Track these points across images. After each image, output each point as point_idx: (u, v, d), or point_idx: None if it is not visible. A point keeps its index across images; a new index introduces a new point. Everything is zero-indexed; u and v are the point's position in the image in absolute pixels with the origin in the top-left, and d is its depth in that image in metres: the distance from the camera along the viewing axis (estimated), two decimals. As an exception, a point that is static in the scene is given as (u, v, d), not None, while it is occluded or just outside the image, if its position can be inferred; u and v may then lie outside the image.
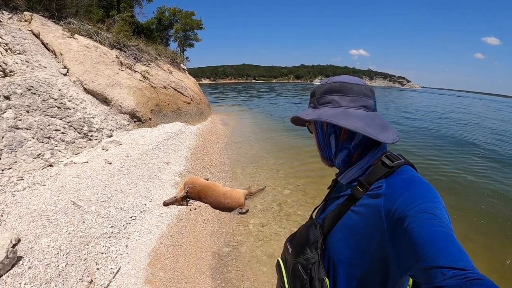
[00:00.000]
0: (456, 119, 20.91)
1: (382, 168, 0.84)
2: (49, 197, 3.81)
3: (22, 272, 2.56)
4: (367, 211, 0.80)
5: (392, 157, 0.86)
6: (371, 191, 0.82)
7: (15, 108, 5.26)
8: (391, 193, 0.76)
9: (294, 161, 7.86)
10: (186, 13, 27.42)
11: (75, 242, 3.09)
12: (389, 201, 0.74)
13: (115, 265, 3.09)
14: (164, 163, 6.21)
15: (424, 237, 0.59)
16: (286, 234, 4.20)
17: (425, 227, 0.61)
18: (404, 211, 0.67)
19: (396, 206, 0.71)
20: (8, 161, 4.45)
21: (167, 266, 3.24)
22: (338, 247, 0.87)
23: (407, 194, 0.71)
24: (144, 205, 4.39)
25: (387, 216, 0.72)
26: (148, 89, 9.60)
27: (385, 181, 0.81)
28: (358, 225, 0.81)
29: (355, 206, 0.85)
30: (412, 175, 0.79)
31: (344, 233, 0.86)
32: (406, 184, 0.76)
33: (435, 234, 0.59)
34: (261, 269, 3.46)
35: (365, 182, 0.85)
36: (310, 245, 0.92)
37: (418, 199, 0.68)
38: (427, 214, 0.63)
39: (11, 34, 7.19)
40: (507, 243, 4.52)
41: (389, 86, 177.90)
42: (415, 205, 0.67)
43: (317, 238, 0.91)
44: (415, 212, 0.65)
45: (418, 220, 0.63)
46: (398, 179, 0.80)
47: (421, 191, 0.72)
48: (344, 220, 0.87)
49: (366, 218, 0.79)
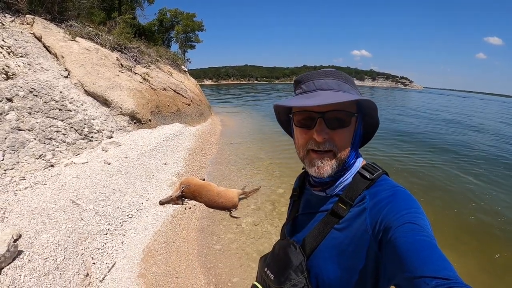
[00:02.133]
0: (449, 119, 20.97)
1: (362, 181, 0.84)
2: (49, 196, 3.99)
3: (22, 265, 2.73)
4: (352, 227, 0.79)
5: (370, 168, 0.86)
6: (355, 207, 0.81)
7: (18, 110, 5.44)
8: (374, 205, 0.76)
9: (290, 161, 7.97)
10: (187, 14, 27.72)
11: (73, 238, 3.27)
12: (373, 213, 0.75)
13: (111, 260, 3.27)
14: (162, 164, 6.39)
15: (407, 247, 0.60)
16: (278, 232, 4.32)
17: (409, 236, 0.62)
18: (389, 222, 0.69)
19: (381, 218, 0.72)
20: (11, 162, 4.62)
21: (159, 262, 3.42)
22: (326, 267, 0.82)
23: (391, 205, 0.72)
24: (140, 204, 4.57)
25: (373, 229, 0.73)
26: (148, 91, 9.78)
27: (367, 193, 0.81)
28: (345, 243, 0.79)
29: (339, 223, 0.82)
30: (393, 186, 0.80)
31: (330, 252, 0.82)
32: (389, 195, 0.76)
33: (418, 244, 0.60)
34: (250, 265, 3.62)
35: (347, 198, 0.83)
36: (295, 269, 0.85)
37: (401, 209, 0.70)
38: (411, 224, 0.65)
39: (14, 37, 7.37)
40: (495, 239, 4.68)
41: (392, 87, 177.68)
42: (400, 215, 0.68)
43: (301, 260, 0.85)
44: (400, 222, 0.66)
45: (402, 230, 0.64)
46: (381, 190, 0.80)
47: (404, 202, 0.73)
48: (328, 239, 0.83)
49: (352, 235, 0.78)
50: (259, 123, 14.88)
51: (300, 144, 0.88)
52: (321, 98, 0.79)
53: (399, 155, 9.44)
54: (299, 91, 0.88)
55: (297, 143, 0.90)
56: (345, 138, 0.84)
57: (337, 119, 0.81)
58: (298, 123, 0.87)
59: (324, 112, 0.80)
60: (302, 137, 0.86)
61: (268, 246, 4.03)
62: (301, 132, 0.86)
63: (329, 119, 0.81)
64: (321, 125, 0.81)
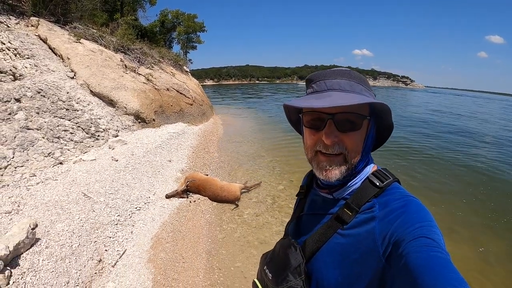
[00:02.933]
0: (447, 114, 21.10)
1: (371, 188, 0.79)
2: (61, 190, 4.20)
3: (40, 251, 2.94)
4: (358, 234, 0.75)
5: (380, 175, 0.82)
6: (362, 213, 0.77)
7: (26, 110, 5.66)
8: (385, 215, 0.72)
9: (290, 158, 8.21)
10: (189, 15, 27.93)
11: (86, 227, 3.48)
12: (383, 224, 0.71)
13: (121, 248, 3.49)
14: (167, 161, 6.60)
15: (421, 263, 0.57)
16: (278, 223, 4.56)
17: (423, 252, 0.59)
18: (401, 235, 0.65)
19: (393, 229, 0.68)
20: (21, 159, 4.83)
21: (167, 249, 3.64)
22: (327, 272, 0.79)
23: (403, 217, 0.68)
24: (148, 198, 4.78)
25: (382, 240, 0.69)
26: (152, 91, 10.01)
27: (377, 201, 0.77)
28: (349, 250, 0.75)
29: (343, 229, 0.78)
30: (405, 195, 0.76)
31: (332, 258, 0.79)
32: (402, 206, 0.72)
33: (433, 260, 0.57)
34: (251, 252, 3.83)
35: (353, 204, 0.79)
36: (293, 271, 0.82)
37: (415, 222, 0.66)
38: (425, 239, 0.62)
39: (20, 39, 7.58)
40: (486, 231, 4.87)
41: (393, 86, 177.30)
42: (413, 229, 0.64)
43: (299, 263, 0.83)
44: (413, 236, 0.63)
45: (415, 244, 0.61)
46: (392, 199, 0.75)
47: (417, 213, 0.69)
48: (331, 244, 0.80)
49: (358, 242, 0.74)
50: (260, 122, 15.14)
51: (309, 145, 0.85)
52: (331, 99, 0.76)
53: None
54: (310, 90, 0.86)
55: (305, 143, 0.88)
56: (356, 141, 0.81)
57: (348, 121, 0.78)
58: (307, 124, 0.84)
59: (334, 113, 0.77)
60: (311, 138, 0.84)
61: (268, 235, 4.24)
62: (310, 133, 0.84)
63: (339, 121, 0.78)
64: (330, 127, 0.78)
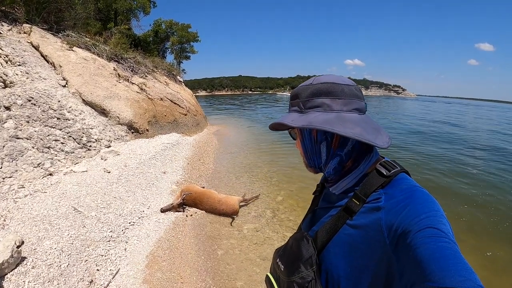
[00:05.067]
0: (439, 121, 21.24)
1: (378, 177, 0.81)
2: (50, 203, 3.96)
3: (26, 271, 2.70)
4: (366, 225, 0.76)
5: (387, 165, 0.83)
6: (369, 204, 0.78)
7: (16, 118, 5.43)
8: (392, 206, 0.73)
9: (288, 168, 8.05)
10: (183, 25, 27.89)
11: (76, 245, 3.24)
12: (390, 214, 0.71)
13: (114, 267, 3.23)
14: (161, 172, 6.37)
15: (429, 254, 0.57)
16: (279, 238, 4.36)
17: (430, 243, 0.59)
18: (408, 225, 0.65)
19: (399, 220, 0.68)
20: (9, 170, 4.58)
21: (164, 268, 3.39)
22: (337, 262, 0.81)
23: (410, 207, 0.69)
24: (142, 212, 4.54)
25: (388, 231, 0.70)
26: (145, 101, 9.81)
27: (383, 192, 0.78)
28: (357, 240, 0.77)
29: (352, 219, 0.80)
30: (412, 185, 0.76)
31: (342, 248, 0.81)
32: (408, 196, 0.72)
33: (441, 251, 0.57)
34: (254, 270, 3.61)
35: (361, 194, 0.80)
36: (304, 262, 0.85)
37: (422, 212, 0.66)
38: (432, 229, 0.62)
39: (11, 46, 7.38)
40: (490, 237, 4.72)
41: (385, 95, 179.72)
42: (420, 219, 0.64)
43: (311, 254, 0.85)
44: (420, 227, 0.63)
45: (422, 235, 0.61)
46: (398, 189, 0.76)
47: (424, 203, 0.69)
48: (340, 235, 0.82)
49: (365, 233, 0.76)
50: (255, 132, 14.97)
51: None
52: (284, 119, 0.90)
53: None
54: None
55: None
56: (303, 150, 0.96)
57: (290, 134, 1.00)
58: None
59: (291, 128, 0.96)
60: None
61: (270, 252, 4.03)
62: None
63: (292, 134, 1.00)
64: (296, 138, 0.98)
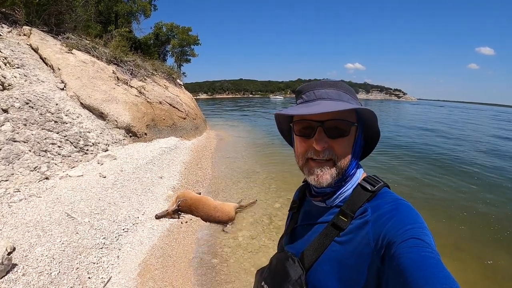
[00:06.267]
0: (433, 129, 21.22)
1: (364, 193, 0.83)
2: (44, 209, 3.93)
3: (16, 279, 2.67)
4: (354, 240, 0.76)
5: (371, 180, 0.85)
6: (357, 219, 0.79)
7: (13, 121, 5.41)
8: (377, 217, 0.74)
9: (287, 175, 8.00)
10: (183, 28, 27.93)
11: (68, 252, 3.21)
12: (376, 226, 0.73)
13: (106, 275, 3.20)
14: (158, 177, 6.34)
15: (412, 263, 0.59)
16: (275, 246, 4.30)
17: (413, 252, 0.61)
18: (393, 236, 0.67)
19: (385, 232, 0.70)
20: (5, 173, 4.56)
21: (156, 276, 3.36)
22: (327, 281, 0.80)
23: (395, 219, 0.71)
24: (136, 218, 4.51)
25: (375, 243, 0.71)
26: (144, 105, 9.80)
27: (369, 205, 0.79)
28: (346, 256, 0.77)
29: (339, 236, 0.80)
30: (396, 198, 0.78)
31: (331, 266, 0.79)
32: (394, 209, 0.74)
33: (423, 260, 0.59)
34: (248, 280, 3.57)
35: (348, 211, 0.81)
36: (293, 283, 0.82)
37: (407, 223, 0.68)
38: (415, 239, 0.63)
39: (10, 48, 7.39)
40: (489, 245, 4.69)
41: (386, 99, 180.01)
42: (404, 230, 0.66)
43: (299, 274, 0.83)
44: (404, 237, 0.65)
45: (406, 245, 0.63)
46: (383, 202, 0.78)
47: (409, 216, 0.71)
48: (329, 252, 0.81)
49: (354, 248, 0.76)
50: (254, 137, 14.98)
51: (300, 152, 0.88)
52: (320, 107, 0.80)
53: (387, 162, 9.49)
54: (300, 100, 0.90)
55: (296, 151, 0.91)
56: (345, 147, 0.84)
57: (337, 128, 0.82)
58: (298, 132, 0.87)
59: (323, 121, 0.81)
60: (301, 145, 0.87)
61: (265, 260, 3.97)
62: (301, 140, 0.87)
63: (328, 128, 0.82)
64: (320, 134, 0.82)
